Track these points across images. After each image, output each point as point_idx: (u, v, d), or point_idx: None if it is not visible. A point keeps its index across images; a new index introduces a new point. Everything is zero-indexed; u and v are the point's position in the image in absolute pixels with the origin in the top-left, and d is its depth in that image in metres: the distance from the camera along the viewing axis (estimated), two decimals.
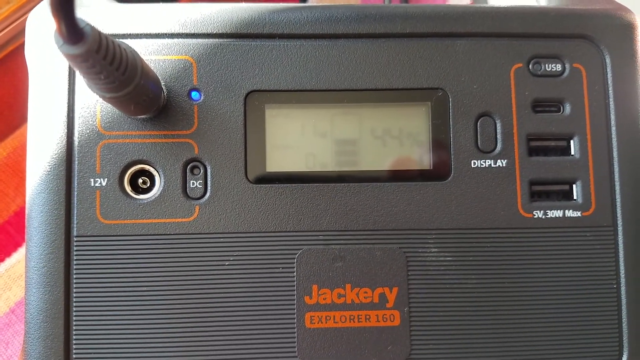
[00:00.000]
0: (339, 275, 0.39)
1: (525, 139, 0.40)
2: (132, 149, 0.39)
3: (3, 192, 0.62)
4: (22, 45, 0.52)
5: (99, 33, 0.29)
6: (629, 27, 0.41)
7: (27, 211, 0.39)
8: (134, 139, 0.39)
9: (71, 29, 0.28)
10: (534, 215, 0.40)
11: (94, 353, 0.38)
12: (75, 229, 0.38)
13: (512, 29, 0.41)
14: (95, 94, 0.33)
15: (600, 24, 0.41)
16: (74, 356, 0.38)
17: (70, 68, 0.39)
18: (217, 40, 0.40)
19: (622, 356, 0.39)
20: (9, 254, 0.60)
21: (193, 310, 0.38)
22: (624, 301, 0.40)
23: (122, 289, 0.38)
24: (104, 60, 0.29)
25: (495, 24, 0.41)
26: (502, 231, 0.39)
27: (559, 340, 0.39)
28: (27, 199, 0.39)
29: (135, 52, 0.33)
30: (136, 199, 0.39)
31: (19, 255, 0.60)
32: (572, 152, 0.41)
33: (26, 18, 0.44)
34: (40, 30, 0.39)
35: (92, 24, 0.29)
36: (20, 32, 0.56)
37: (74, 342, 0.38)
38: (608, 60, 0.41)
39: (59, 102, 0.39)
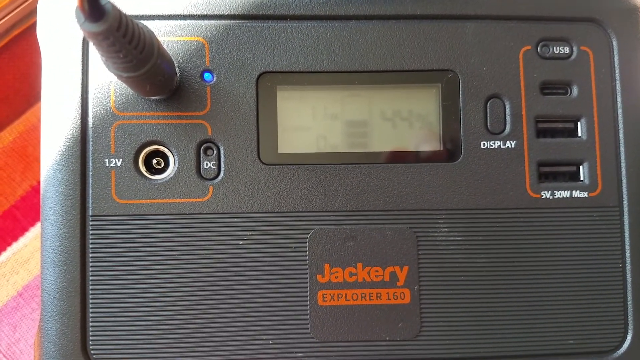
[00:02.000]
0: (351, 255, 0.39)
1: (534, 121, 0.40)
2: (146, 129, 0.39)
3: (10, 177, 0.61)
4: (28, 29, 0.52)
5: (119, 11, 0.29)
6: (636, 11, 0.41)
7: (42, 191, 0.39)
8: (148, 119, 0.39)
9: (93, 6, 0.28)
10: (542, 195, 0.40)
11: (110, 331, 0.38)
12: (90, 208, 0.38)
13: (521, 11, 0.41)
14: (112, 73, 0.33)
15: (608, 8, 0.41)
16: (90, 334, 0.38)
17: (83, 48, 0.39)
18: (229, 21, 0.40)
19: (627, 335, 0.40)
20: (16, 239, 0.60)
21: (207, 288, 0.38)
22: (629, 281, 0.40)
23: (137, 267, 0.38)
24: (123, 38, 0.30)
25: (505, 7, 0.41)
26: (511, 211, 0.40)
27: (565, 319, 0.40)
28: (42, 178, 0.39)
29: (152, 32, 0.33)
30: (151, 179, 0.39)
31: (26, 239, 0.60)
32: (580, 134, 0.41)
33: (31, 1, 0.44)
34: (53, 10, 0.39)
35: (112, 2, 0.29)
36: (25, 16, 0.55)
37: (90, 320, 0.38)
38: (615, 43, 0.41)
39: (73, 82, 0.39)
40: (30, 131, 0.61)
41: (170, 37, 0.40)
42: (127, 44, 0.30)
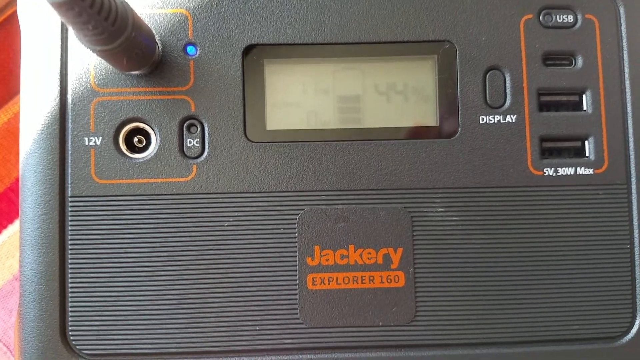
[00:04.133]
0: (342, 236, 0.38)
1: (536, 94, 0.39)
2: (127, 106, 0.38)
3: (5, 159, 0.61)
4: None
5: None
6: None
7: (20, 171, 0.38)
8: (129, 96, 0.38)
9: None
10: (545, 172, 0.39)
11: (90, 316, 0.37)
12: (69, 189, 0.37)
13: None
14: (86, 48, 0.32)
15: None
16: (69, 319, 0.37)
17: (63, 24, 0.38)
18: None
19: (635, 320, 0.38)
20: (11, 221, 0.60)
21: (191, 272, 0.37)
22: (637, 262, 0.39)
23: (117, 250, 0.37)
24: (90, 8, 0.28)
25: None
26: (511, 190, 0.38)
27: (569, 303, 0.38)
28: (21, 158, 0.38)
29: (126, 2, 0.32)
30: (132, 158, 0.38)
31: None
32: (584, 107, 0.39)
33: None
34: None
35: None
36: None
37: (70, 304, 0.37)
38: (622, 11, 0.39)
39: (52, 59, 0.38)
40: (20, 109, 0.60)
41: (151, 9, 0.38)
42: (95, 14, 0.29)
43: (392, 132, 0.39)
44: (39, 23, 0.38)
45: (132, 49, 0.33)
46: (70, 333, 0.37)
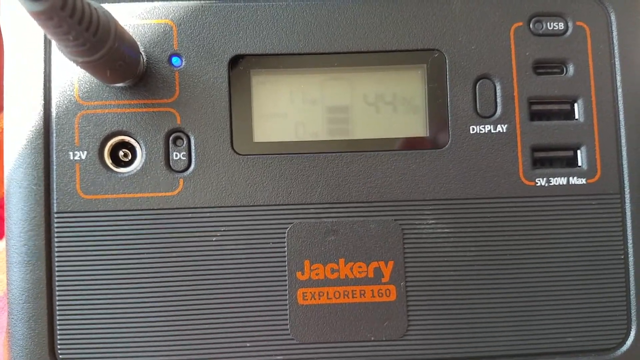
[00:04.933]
0: (332, 250, 0.37)
1: (527, 103, 0.39)
2: (112, 119, 0.37)
3: None
4: None
5: None
6: None
7: (5, 187, 0.37)
8: (113, 108, 0.37)
9: None
10: (537, 183, 0.38)
11: (79, 333, 0.36)
12: (55, 204, 0.37)
13: None
14: (69, 59, 0.31)
15: None
16: (58, 336, 0.36)
17: (46, 37, 0.37)
18: (198, 2, 0.38)
19: (630, 332, 0.38)
20: (2, 236, 0.59)
21: (179, 288, 0.37)
22: (632, 272, 0.38)
23: (105, 266, 0.37)
24: (70, 18, 0.27)
25: None
26: (503, 200, 0.38)
27: (563, 315, 0.38)
28: (5, 174, 0.37)
29: (108, 12, 0.31)
30: (117, 172, 0.37)
31: None
32: (576, 116, 0.39)
33: None
34: None
35: None
36: None
37: (58, 322, 0.37)
38: (613, 18, 0.39)
39: (35, 72, 0.37)
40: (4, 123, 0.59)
41: (135, 20, 0.38)
42: (76, 25, 0.28)
43: (381, 143, 0.38)
44: (22, 36, 0.38)
45: (115, 60, 0.33)
46: (59, 351, 0.36)
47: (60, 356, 0.36)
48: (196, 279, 0.37)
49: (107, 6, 0.36)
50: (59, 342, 0.36)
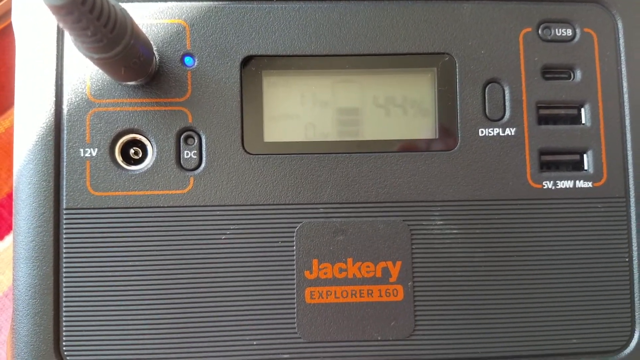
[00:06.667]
0: (340, 249, 0.37)
1: (535, 107, 0.39)
2: (123, 117, 0.37)
3: None
4: None
5: None
6: None
7: (14, 183, 0.37)
8: (125, 107, 0.37)
9: None
10: (544, 186, 0.38)
11: (85, 331, 0.36)
12: (64, 201, 0.37)
13: None
14: (84, 55, 0.31)
15: None
16: (63, 334, 0.36)
17: (58, 34, 0.38)
18: (211, 3, 0.38)
19: (634, 334, 0.38)
20: (1, 237, 0.59)
21: (187, 286, 0.37)
22: (636, 275, 0.38)
23: (113, 264, 0.37)
24: (90, 14, 0.28)
25: None
26: (510, 202, 0.38)
27: (568, 316, 0.38)
28: (15, 170, 0.37)
29: (125, 10, 0.32)
30: (128, 169, 0.37)
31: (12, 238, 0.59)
32: (583, 121, 0.39)
33: None
34: None
35: None
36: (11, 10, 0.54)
37: (64, 319, 0.36)
38: (620, 25, 0.40)
39: (47, 69, 0.37)
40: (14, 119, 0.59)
41: (149, 19, 0.38)
42: (95, 20, 0.28)
43: (391, 145, 0.39)
44: (34, 33, 0.38)
45: (130, 57, 0.33)
46: (64, 348, 0.36)
47: (66, 353, 0.36)
48: (205, 276, 0.37)
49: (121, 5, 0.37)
50: (64, 339, 0.36)
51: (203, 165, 0.37)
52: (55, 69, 0.37)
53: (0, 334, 0.56)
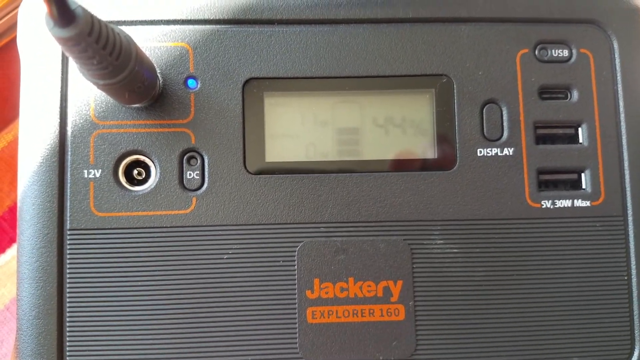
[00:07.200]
0: (342, 269, 0.38)
1: (532, 127, 0.39)
2: (127, 139, 0.38)
3: None
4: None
5: (91, 15, 0.28)
6: (637, 12, 0.40)
7: (18, 204, 0.38)
8: (129, 128, 0.38)
9: (62, 11, 0.27)
10: (542, 205, 0.39)
11: (88, 350, 0.37)
12: (68, 222, 0.37)
13: (518, 13, 0.40)
14: (88, 81, 0.32)
15: (608, 9, 0.40)
16: (67, 353, 0.36)
17: (63, 56, 0.38)
18: (214, 26, 0.39)
19: (633, 351, 0.38)
20: (3, 250, 0.59)
21: (190, 305, 0.37)
22: (635, 293, 0.39)
23: (116, 284, 0.37)
24: (96, 44, 0.28)
25: (500, 9, 0.40)
26: (509, 222, 0.38)
27: (568, 334, 0.38)
28: (19, 191, 0.38)
29: (130, 37, 0.32)
30: (131, 190, 0.38)
31: (13, 251, 0.59)
32: (581, 140, 0.40)
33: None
34: (33, 17, 0.38)
35: (85, 7, 0.28)
36: (15, 24, 0.55)
37: (68, 339, 0.37)
38: (616, 46, 0.40)
39: (52, 91, 0.38)
40: (18, 141, 0.60)
41: (152, 42, 0.38)
42: (100, 49, 0.29)
43: (390, 165, 0.39)
44: (39, 55, 0.38)
45: (134, 82, 0.33)
46: None
47: None
48: (207, 296, 0.37)
49: (124, 29, 0.37)
50: (67, 359, 0.36)
51: (205, 185, 0.38)
52: (60, 91, 0.38)
53: (1, 347, 0.56)
